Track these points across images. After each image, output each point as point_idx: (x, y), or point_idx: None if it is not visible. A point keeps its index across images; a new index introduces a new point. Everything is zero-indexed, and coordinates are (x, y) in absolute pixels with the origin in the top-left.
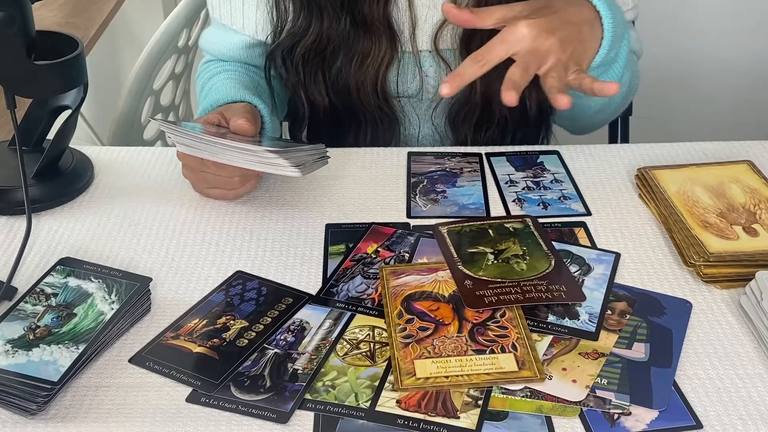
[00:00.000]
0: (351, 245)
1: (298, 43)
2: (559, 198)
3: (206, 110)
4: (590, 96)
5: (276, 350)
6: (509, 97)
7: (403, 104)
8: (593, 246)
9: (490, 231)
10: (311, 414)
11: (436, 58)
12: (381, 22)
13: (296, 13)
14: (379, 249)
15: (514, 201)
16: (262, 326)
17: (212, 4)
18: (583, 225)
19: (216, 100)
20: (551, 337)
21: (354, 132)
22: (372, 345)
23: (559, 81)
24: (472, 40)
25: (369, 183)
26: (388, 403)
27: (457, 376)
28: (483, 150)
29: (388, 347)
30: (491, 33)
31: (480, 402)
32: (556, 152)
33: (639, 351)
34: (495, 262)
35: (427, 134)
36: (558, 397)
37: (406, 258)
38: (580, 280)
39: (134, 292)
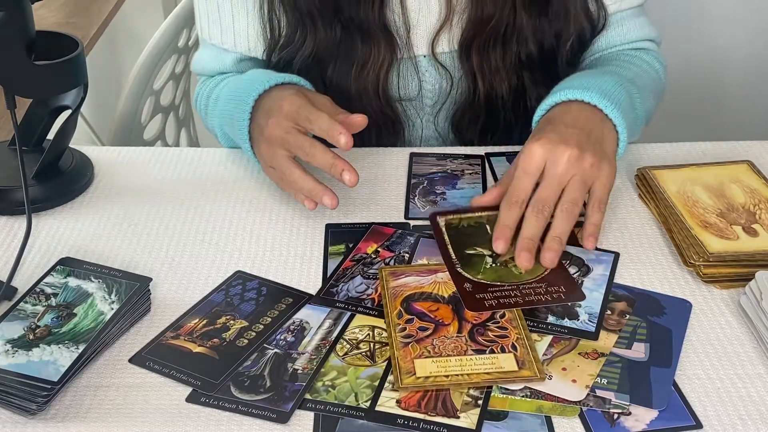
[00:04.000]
0: (351, 245)
1: (294, 56)
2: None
3: (248, 109)
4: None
5: (276, 350)
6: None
7: (405, 107)
8: None
9: (488, 227)
10: (311, 414)
11: (434, 63)
12: (377, 25)
13: (290, 27)
14: (379, 249)
15: None
16: (262, 326)
17: (201, 26)
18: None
19: (249, 95)
20: (551, 337)
21: (359, 136)
22: (372, 345)
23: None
24: (472, 44)
25: (369, 183)
26: (388, 402)
27: (457, 375)
28: (484, 151)
29: (387, 347)
30: (491, 38)
31: (480, 402)
32: None
33: (639, 351)
34: (493, 265)
35: (430, 136)
36: (558, 397)
37: (406, 258)
38: (580, 281)
39: (134, 292)
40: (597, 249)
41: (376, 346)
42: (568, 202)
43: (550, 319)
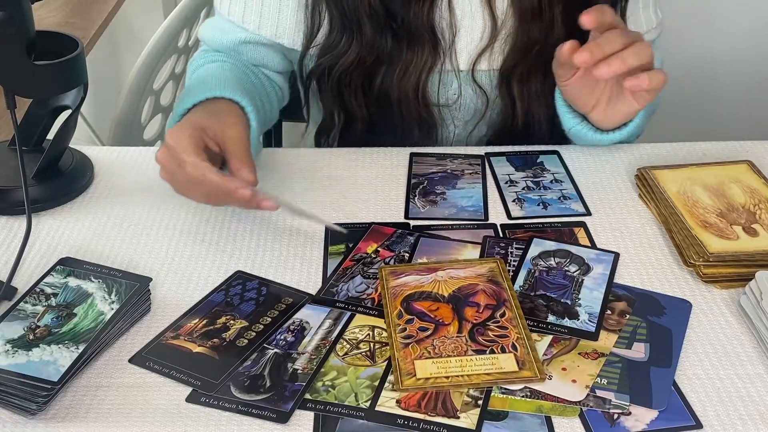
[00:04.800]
0: (351, 245)
1: (336, 62)
2: (559, 198)
3: (187, 105)
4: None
5: (276, 350)
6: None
7: (442, 112)
8: (593, 246)
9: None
10: (311, 414)
11: (473, 85)
12: (425, 28)
13: (335, 31)
14: (379, 249)
15: (513, 201)
16: (262, 326)
17: (221, 0)
18: (582, 225)
19: (202, 92)
20: (551, 337)
21: (391, 134)
22: (372, 345)
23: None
24: (513, 72)
25: (369, 183)
26: (388, 403)
27: (457, 376)
28: (484, 150)
29: (387, 347)
30: (533, 64)
31: (480, 402)
32: (556, 152)
33: (639, 351)
34: None
35: (461, 143)
36: (558, 397)
37: (406, 258)
38: (580, 280)
39: (134, 292)
40: (597, 249)
41: (376, 346)
42: (645, 50)
43: (550, 318)
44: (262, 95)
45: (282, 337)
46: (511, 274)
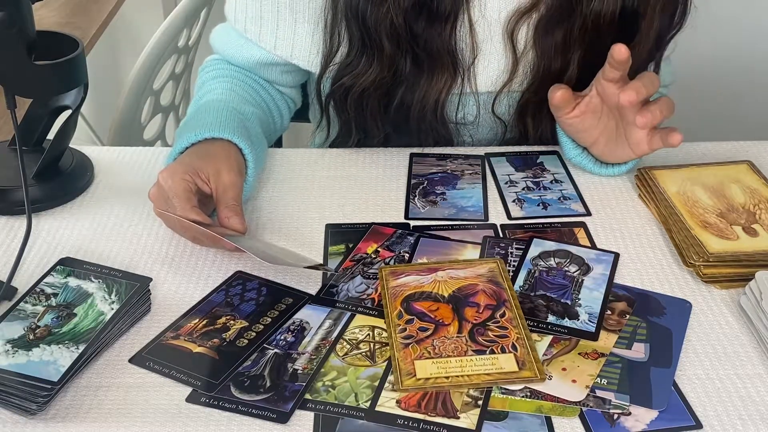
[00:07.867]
0: (351, 245)
1: (355, 82)
2: (559, 198)
3: (185, 144)
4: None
5: (276, 350)
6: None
7: (459, 129)
8: (593, 246)
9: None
10: (311, 414)
11: (491, 115)
12: (446, 50)
13: (355, 51)
14: (379, 249)
15: (513, 201)
16: (262, 326)
17: (235, 17)
18: (582, 225)
19: (202, 130)
20: (551, 337)
21: (406, 144)
22: (372, 345)
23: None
24: (528, 107)
25: (369, 183)
26: (388, 403)
27: (457, 376)
28: (484, 151)
29: (388, 347)
30: (545, 98)
31: (480, 402)
32: (556, 152)
33: (639, 351)
34: None
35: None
36: (558, 397)
37: (406, 258)
38: (580, 280)
39: (134, 292)
40: (597, 249)
41: (376, 346)
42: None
43: (550, 318)
44: (268, 116)
45: (282, 337)
46: (511, 274)
